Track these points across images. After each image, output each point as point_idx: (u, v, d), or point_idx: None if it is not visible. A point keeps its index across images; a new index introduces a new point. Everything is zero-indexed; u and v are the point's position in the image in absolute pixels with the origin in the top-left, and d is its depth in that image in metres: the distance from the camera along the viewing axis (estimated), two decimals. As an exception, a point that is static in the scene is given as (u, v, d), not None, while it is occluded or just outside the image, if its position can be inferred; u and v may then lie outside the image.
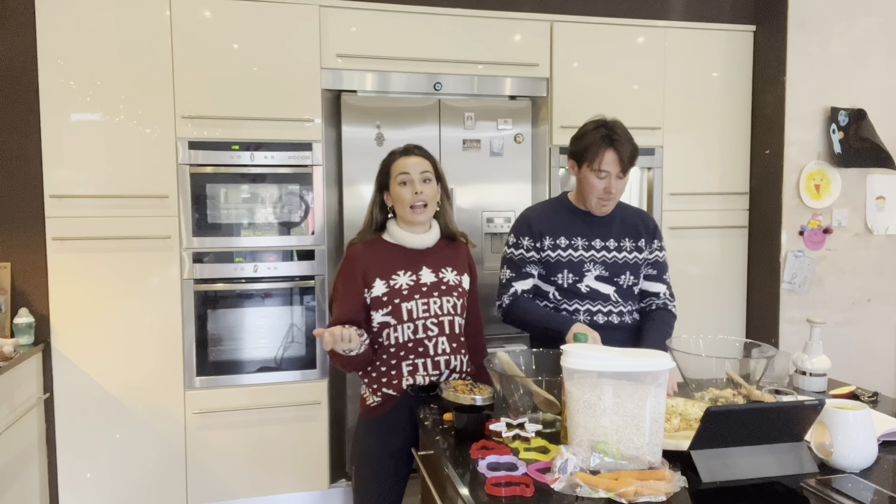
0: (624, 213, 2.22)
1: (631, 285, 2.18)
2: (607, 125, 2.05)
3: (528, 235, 2.17)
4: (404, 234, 1.99)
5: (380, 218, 2.04)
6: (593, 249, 2.14)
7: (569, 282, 2.13)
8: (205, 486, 3.02)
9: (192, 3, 2.90)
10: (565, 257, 2.14)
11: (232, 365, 3.04)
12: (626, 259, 2.16)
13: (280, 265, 3.05)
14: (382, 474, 1.99)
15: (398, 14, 3.14)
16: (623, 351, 1.53)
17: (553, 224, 2.16)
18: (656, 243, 2.23)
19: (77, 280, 2.86)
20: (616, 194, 2.08)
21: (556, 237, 2.15)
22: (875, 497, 1.33)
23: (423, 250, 2.01)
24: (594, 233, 2.16)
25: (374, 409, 1.97)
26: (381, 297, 1.94)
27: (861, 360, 3.44)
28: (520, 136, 3.32)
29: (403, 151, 2.02)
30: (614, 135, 2.03)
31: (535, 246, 2.16)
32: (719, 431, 1.37)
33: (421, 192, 1.95)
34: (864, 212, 3.48)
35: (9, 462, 2.58)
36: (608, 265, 2.15)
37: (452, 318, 2.00)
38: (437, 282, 1.99)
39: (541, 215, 2.21)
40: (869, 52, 3.41)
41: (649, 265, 2.23)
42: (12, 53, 2.81)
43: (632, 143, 2.05)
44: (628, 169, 2.06)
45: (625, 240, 2.18)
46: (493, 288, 3.38)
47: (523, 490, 1.35)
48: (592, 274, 2.13)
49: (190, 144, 2.92)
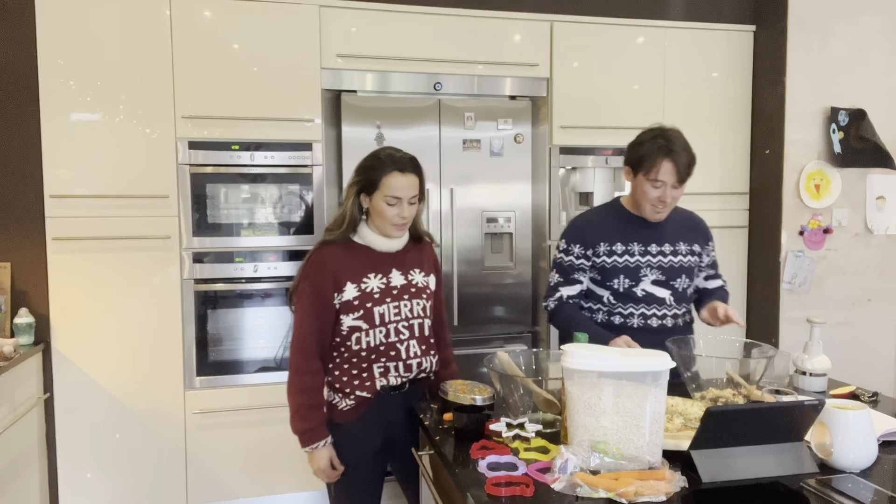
0: (676, 216, 2.23)
1: (686, 288, 2.20)
2: (665, 134, 2.05)
3: (580, 244, 2.19)
4: (376, 237, 1.93)
5: (358, 219, 1.94)
6: (650, 255, 2.16)
7: (625, 286, 2.15)
8: (205, 486, 3.02)
9: (192, 3, 2.90)
10: (622, 263, 2.15)
11: (232, 365, 3.04)
12: (681, 263, 2.18)
13: (280, 265, 3.05)
14: (366, 475, 1.96)
15: (398, 14, 3.14)
16: (623, 351, 1.53)
17: (608, 231, 2.18)
18: (711, 244, 2.29)
19: (77, 280, 2.86)
20: (671, 203, 2.10)
21: (612, 244, 2.16)
22: (875, 497, 1.33)
23: (392, 253, 1.96)
24: (650, 238, 2.17)
25: (349, 412, 1.92)
26: (352, 300, 1.88)
27: (861, 360, 3.43)
28: (520, 136, 3.32)
29: (397, 166, 1.88)
30: (672, 145, 2.03)
31: (586, 254, 2.18)
32: (719, 431, 1.37)
33: (406, 215, 1.90)
34: (864, 212, 3.48)
35: (9, 462, 2.58)
36: (664, 269, 2.16)
37: (422, 320, 1.97)
38: (407, 284, 1.96)
39: (594, 222, 2.22)
40: (869, 51, 3.41)
41: (709, 266, 2.29)
42: (12, 53, 2.81)
43: (689, 154, 2.05)
44: (685, 179, 2.06)
45: (679, 243, 2.19)
46: (491, 287, 3.42)
47: (523, 490, 1.35)
48: (649, 279, 2.15)
49: (190, 144, 2.92)
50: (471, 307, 3.28)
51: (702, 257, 2.25)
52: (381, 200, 1.87)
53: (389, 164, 1.88)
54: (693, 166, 2.07)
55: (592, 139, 3.39)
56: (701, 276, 2.28)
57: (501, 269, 3.36)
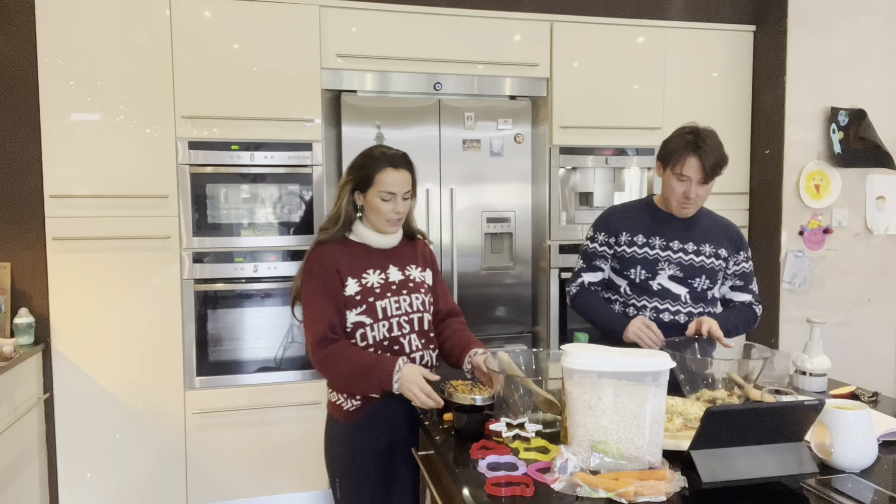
0: (709, 220, 2.25)
1: (706, 289, 2.20)
2: (697, 132, 2.08)
3: (604, 231, 2.24)
4: (371, 234, 1.96)
5: (353, 217, 1.96)
6: (670, 250, 2.18)
7: (641, 277, 2.18)
8: (205, 486, 3.02)
9: (192, 3, 2.90)
10: (640, 254, 2.18)
11: (232, 365, 3.04)
12: (703, 263, 2.18)
13: (280, 265, 3.05)
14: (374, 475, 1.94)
15: (398, 14, 3.14)
16: (623, 351, 1.53)
17: (633, 222, 2.22)
18: (742, 255, 2.26)
19: (77, 280, 2.86)
20: (696, 199, 2.11)
21: (635, 234, 2.20)
22: (875, 497, 1.33)
23: (388, 249, 2.00)
24: (674, 234, 2.19)
25: (355, 412, 1.92)
26: (354, 296, 1.90)
27: (861, 360, 3.43)
28: (520, 136, 3.32)
29: (391, 162, 1.91)
30: (701, 142, 2.05)
31: (609, 241, 2.23)
32: (719, 431, 1.37)
33: (401, 210, 1.93)
34: (864, 212, 3.48)
35: (9, 462, 2.58)
36: (683, 266, 2.17)
37: (422, 314, 1.99)
38: (405, 279, 1.98)
39: (622, 213, 2.27)
40: (869, 51, 3.41)
41: (736, 276, 2.26)
42: (12, 53, 2.81)
43: (719, 153, 2.07)
44: (711, 177, 2.08)
45: (704, 245, 2.20)
46: (491, 287, 3.41)
47: (523, 490, 1.35)
48: (666, 273, 2.17)
49: (190, 144, 2.92)
50: (471, 307, 3.28)
51: (728, 263, 2.23)
52: (376, 196, 1.90)
53: (383, 160, 1.91)
54: (722, 167, 2.08)
55: (592, 139, 3.39)
56: (727, 284, 2.27)
57: (501, 269, 3.36)
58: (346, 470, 1.95)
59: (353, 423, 1.93)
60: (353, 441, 1.93)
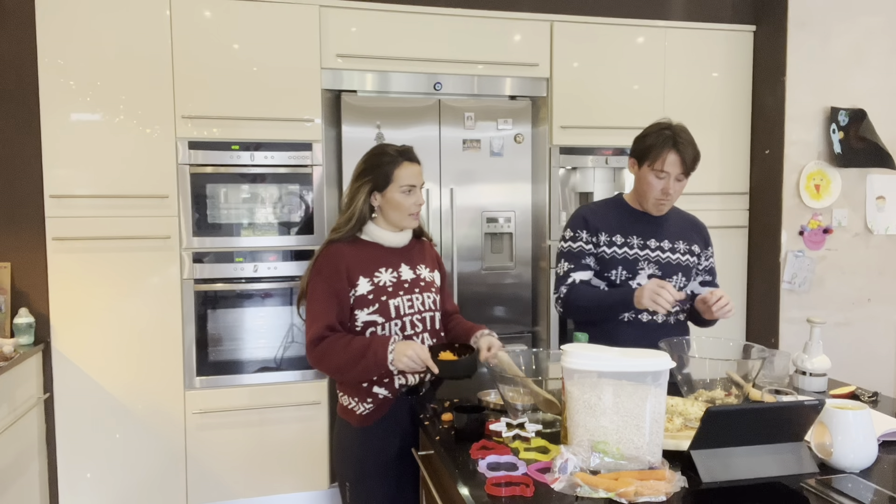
0: (678, 217, 2.26)
1: (682, 287, 2.20)
2: (672, 128, 2.08)
3: (585, 230, 2.20)
4: (384, 232, 1.97)
5: (367, 218, 1.96)
6: (648, 249, 2.17)
7: (622, 278, 2.15)
8: (205, 486, 3.02)
9: (192, 3, 2.90)
10: (620, 255, 2.16)
11: (232, 365, 3.04)
12: (679, 261, 2.19)
13: (280, 265, 3.05)
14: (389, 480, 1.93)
15: (398, 14, 3.14)
16: (623, 351, 1.53)
17: (609, 221, 2.19)
18: (710, 250, 2.28)
19: (77, 280, 2.86)
20: (674, 196, 2.11)
21: (612, 234, 2.18)
22: (875, 497, 1.33)
23: (399, 248, 2.00)
24: (649, 232, 2.18)
25: (368, 416, 1.92)
26: (366, 294, 1.90)
27: (861, 360, 3.43)
28: (520, 136, 3.32)
29: (406, 157, 1.95)
30: (678, 137, 2.05)
31: (592, 240, 2.19)
32: (719, 431, 1.37)
33: (421, 201, 1.97)
34: (864, 212, 3.48)
35: (9, 462, 2.58)
36: (662, 265, 2.17)
37: (433, 313, 2.01)
38: (416, 278, 1.99)
39: (596, 212, 2.24)
40: (869, 52, 3.41)
41: (706, 272, 2.27)
42: (12, 53, 2.81)
43: (695, 148, 2.08)
44: (689, 172, 2.09)
45: (678, 242, 2.20)
46: (491, 287, 3.41)
47: (523, 490, 1.35)
48: (646, 273, 2.16)
49: (190, 144, 2.93)
50: (471, 307, 3.28)
51: (700, 259, 2.25)
52: (397, 192, 1.93)
53: (398, 156, 1.95)
54: (698, 161, 2.09)
55: (592, 139, 3.39)
56: (697, 280, 2.28)
57: (501, 269, 3.36)
58: (357, 474, 1.94)
59: (366, 428, 1.92)
60: (365, 445, 1.93)
